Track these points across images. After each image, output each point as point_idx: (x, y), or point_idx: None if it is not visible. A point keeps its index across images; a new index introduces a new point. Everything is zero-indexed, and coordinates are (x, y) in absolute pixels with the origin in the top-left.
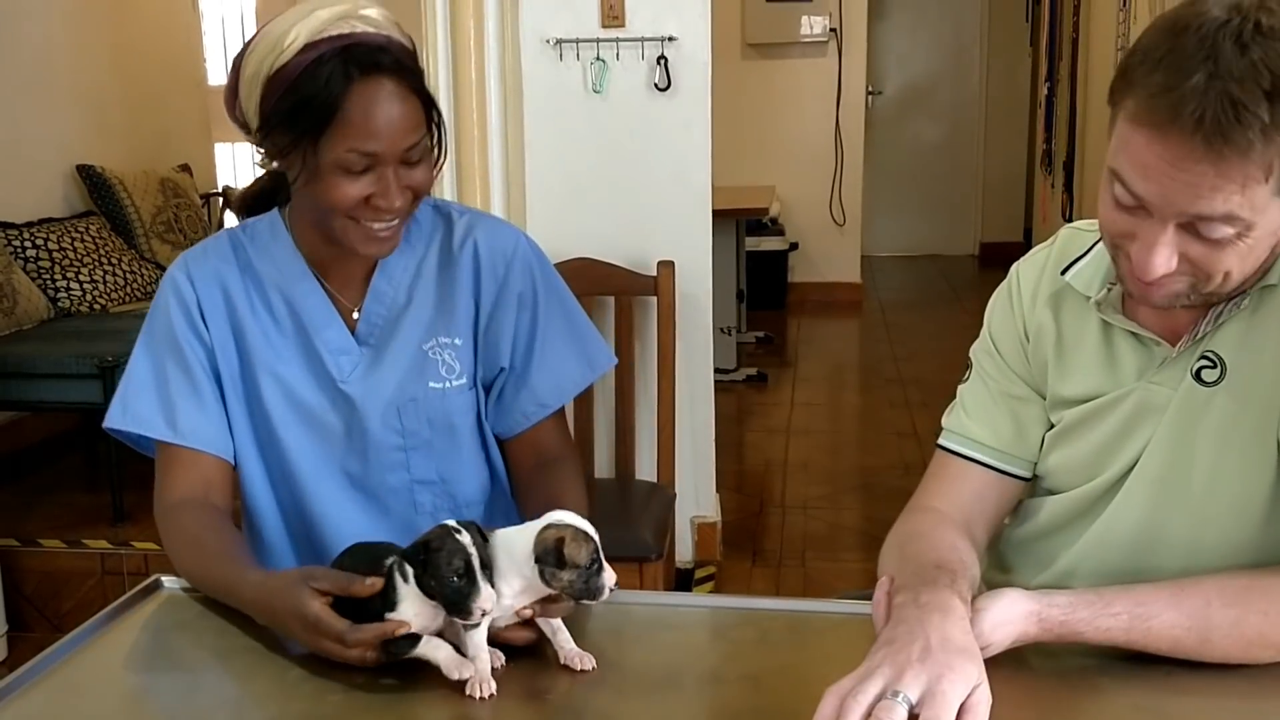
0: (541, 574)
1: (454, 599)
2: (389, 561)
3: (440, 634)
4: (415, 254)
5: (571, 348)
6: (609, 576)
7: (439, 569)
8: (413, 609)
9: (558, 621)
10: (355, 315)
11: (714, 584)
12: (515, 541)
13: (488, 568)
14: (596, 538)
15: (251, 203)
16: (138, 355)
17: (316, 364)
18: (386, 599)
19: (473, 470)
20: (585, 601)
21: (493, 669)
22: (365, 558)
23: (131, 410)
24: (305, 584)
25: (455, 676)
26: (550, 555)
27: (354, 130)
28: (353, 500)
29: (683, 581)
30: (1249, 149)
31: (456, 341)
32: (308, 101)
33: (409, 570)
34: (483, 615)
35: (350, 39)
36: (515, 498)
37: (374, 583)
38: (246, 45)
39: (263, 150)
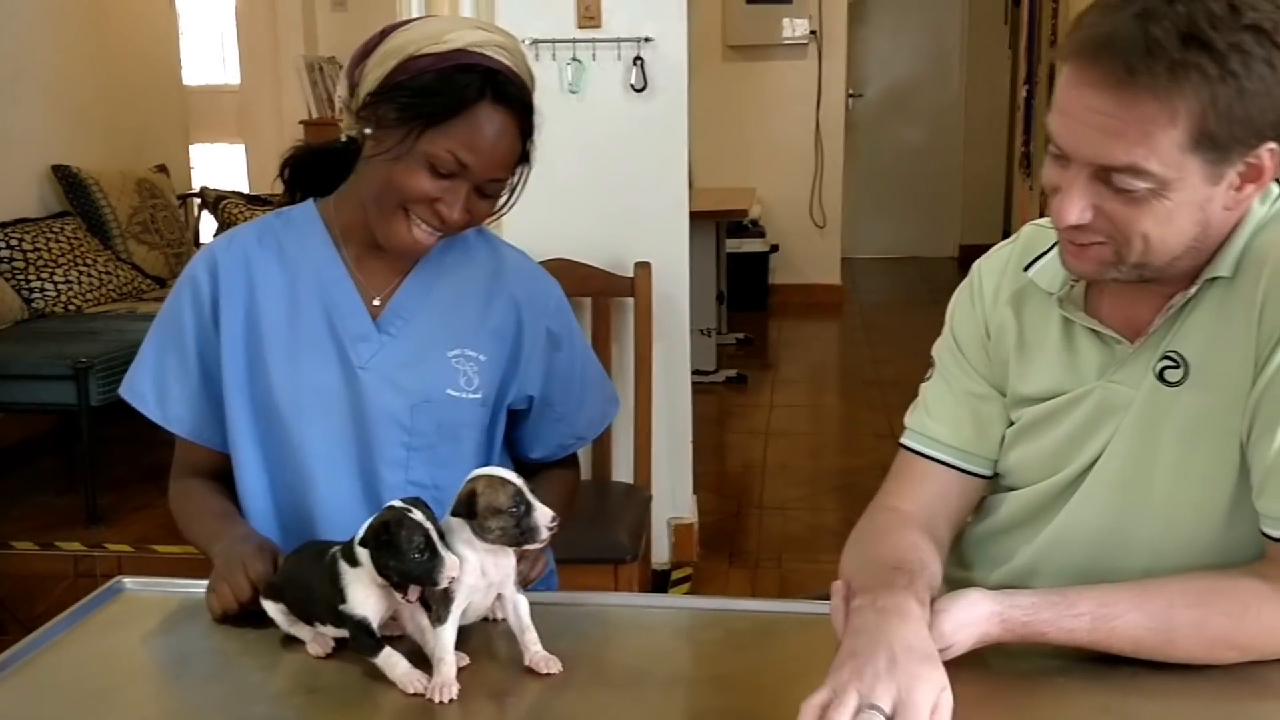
0: (474, 531)
1: (419, 574)
2: (331, 552)
3: (401, 628)
4: (457, 264)
5: (598, 387)
6: (543, 514)
7: (399, 548)
8: (361, 593)
9: (526, 621)
10: (376, 302)
11: (690, 585)
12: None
13: (444, 538)
14: (518, 481)
15: (304, 161)
16: (150, 334)
17: (338, 347)
18: (336, 587)
19: None
20: (531, 546)
21: (456, 670)
22: (313, 554)
23: (134, 385)
24: (270, 553)
25: (411, 690)
26: (463, 506)
27: (462, 137)
28: (351, 491)
29: (659, 583)
30: (1153, 84)
31: (481, 357)
32: (439, 93)
33: (358, 554)
34: (451, 582)
35: (499, 65)
36: None
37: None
38: (401, 23)
39: (360, 116)
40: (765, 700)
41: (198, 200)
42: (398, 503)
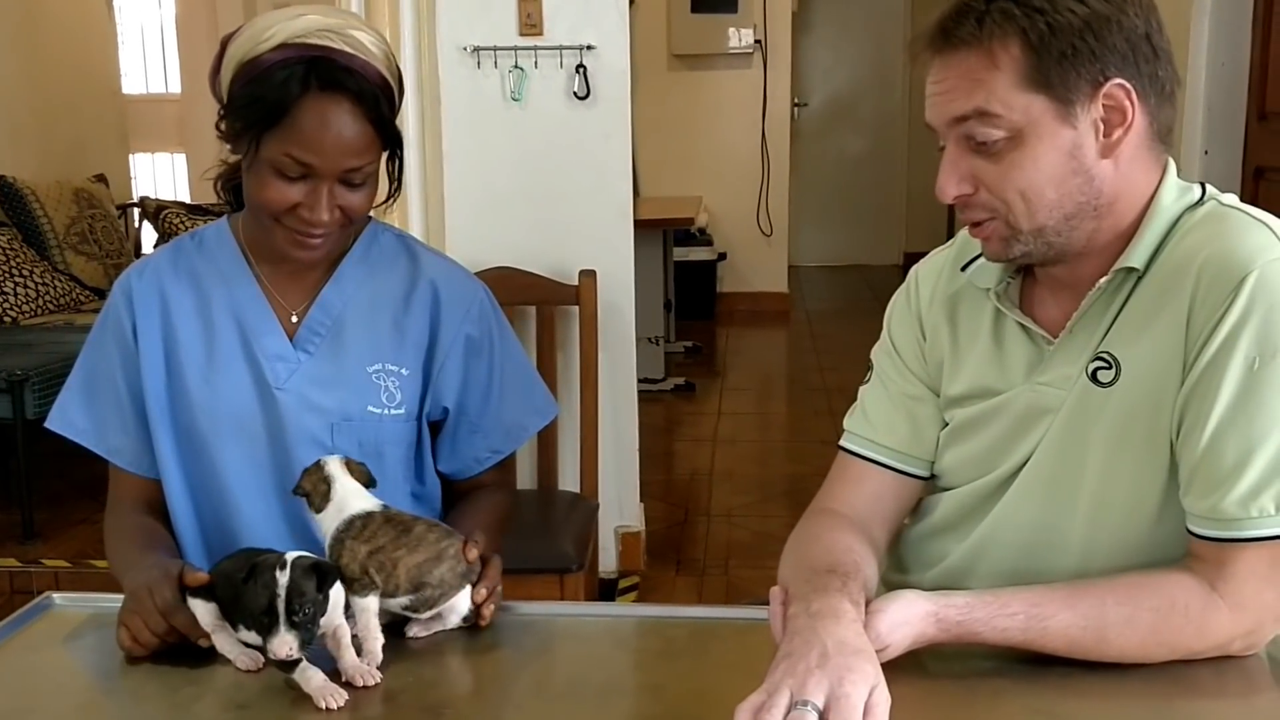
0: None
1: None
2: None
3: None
4: (373, 275)
5: (523, 396)
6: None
7: (250, 599)
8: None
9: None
10: (294, 319)
11: (637, 594)
12: None
13: (311, 608)
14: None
15: (235, 176)
16: (80, 365)
17: (254, 368)
18: (271, 612)
19: (394, 502)
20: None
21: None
22: (249, 564)
23: (69, 418)
24: (176, 579)
25: (323, 706)
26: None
27: (296, 137)
28: (274, 513)
29: (606, 592)
30: (968, 38)
31: (403, 371)
32: (262, 98)
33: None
34: (286, 658)
35: (323, 52)
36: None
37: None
38: (235, 31)
39: (221, 132)
40: (703, 706)
41: (138, 210)
42: (291, 554)
